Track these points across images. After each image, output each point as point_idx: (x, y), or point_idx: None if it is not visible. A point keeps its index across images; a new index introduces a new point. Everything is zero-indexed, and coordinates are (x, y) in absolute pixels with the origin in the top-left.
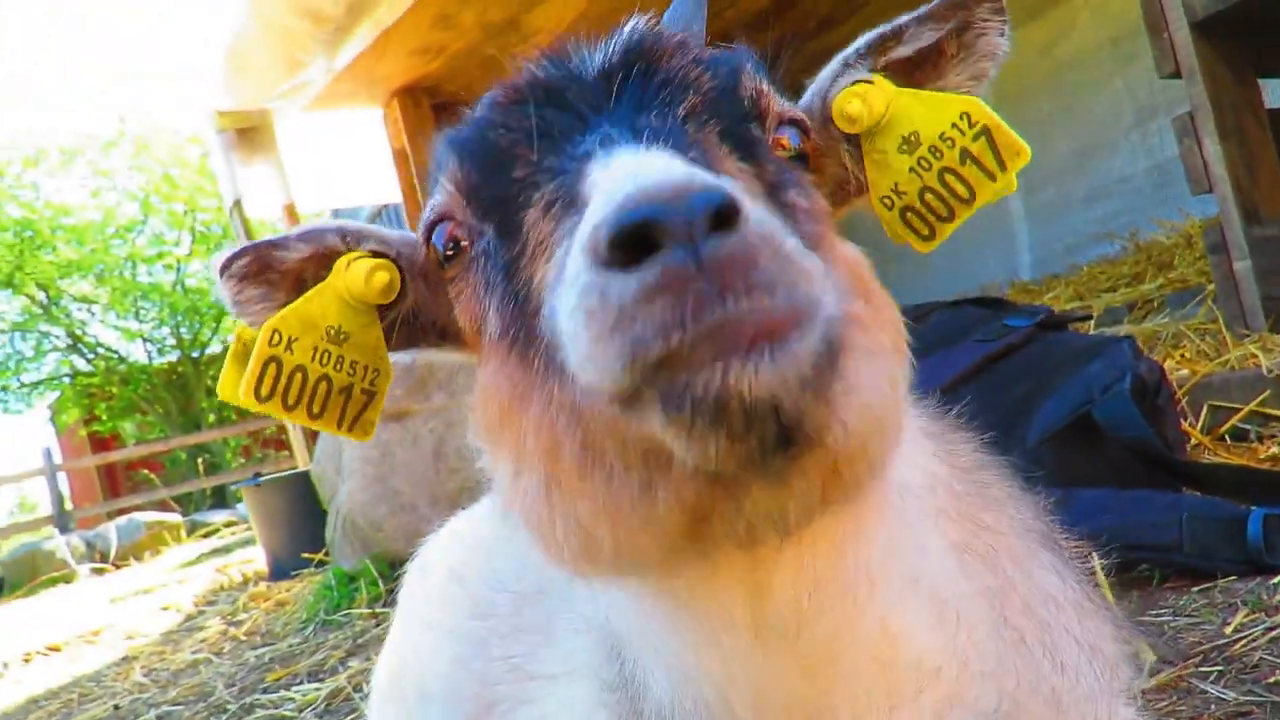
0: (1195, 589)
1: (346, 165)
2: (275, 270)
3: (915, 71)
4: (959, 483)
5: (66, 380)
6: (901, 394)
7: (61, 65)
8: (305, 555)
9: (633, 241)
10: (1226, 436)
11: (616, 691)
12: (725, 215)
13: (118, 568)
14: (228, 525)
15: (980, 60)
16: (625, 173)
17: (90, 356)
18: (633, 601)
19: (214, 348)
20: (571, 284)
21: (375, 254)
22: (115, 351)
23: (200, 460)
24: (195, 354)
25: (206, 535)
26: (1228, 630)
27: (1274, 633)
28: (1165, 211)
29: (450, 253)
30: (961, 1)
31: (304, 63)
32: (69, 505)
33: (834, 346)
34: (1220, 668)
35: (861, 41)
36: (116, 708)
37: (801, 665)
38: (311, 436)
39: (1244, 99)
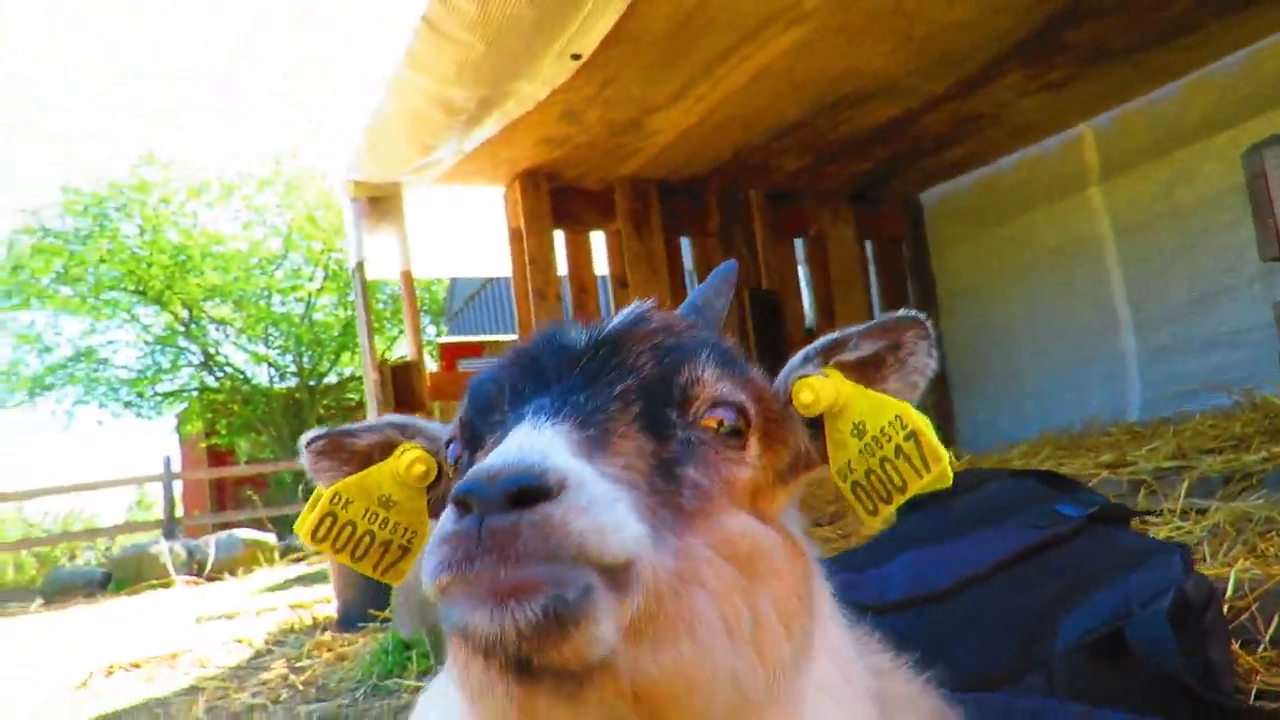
0: None
1: (464, 237)
2: (346, 450)
3: (865, 370)
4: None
5: (194, 394)
6: (727, 663)
7: (241, 109)
8: (373, 611)
9: (464, 500)
10: None
11: None
12: (530, 494)
13: (211, 580)
14: (318, 553)
15: (912, 374)
16: (505, 445)
17: (219, 375)
18: None
19: (330, 378)
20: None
21: (424, 449)
22: (242, 372)
23: (301, 486)
24: (312, 383)
25: (296, 560)
26: None
27: None
28: None
29: (456, 464)
30: (892, 326)
31: (435, 145)
32: (179, 513)
33: (564, 616)
34: None
35: (819, 343)
36: None
37: None
38: None
39: None
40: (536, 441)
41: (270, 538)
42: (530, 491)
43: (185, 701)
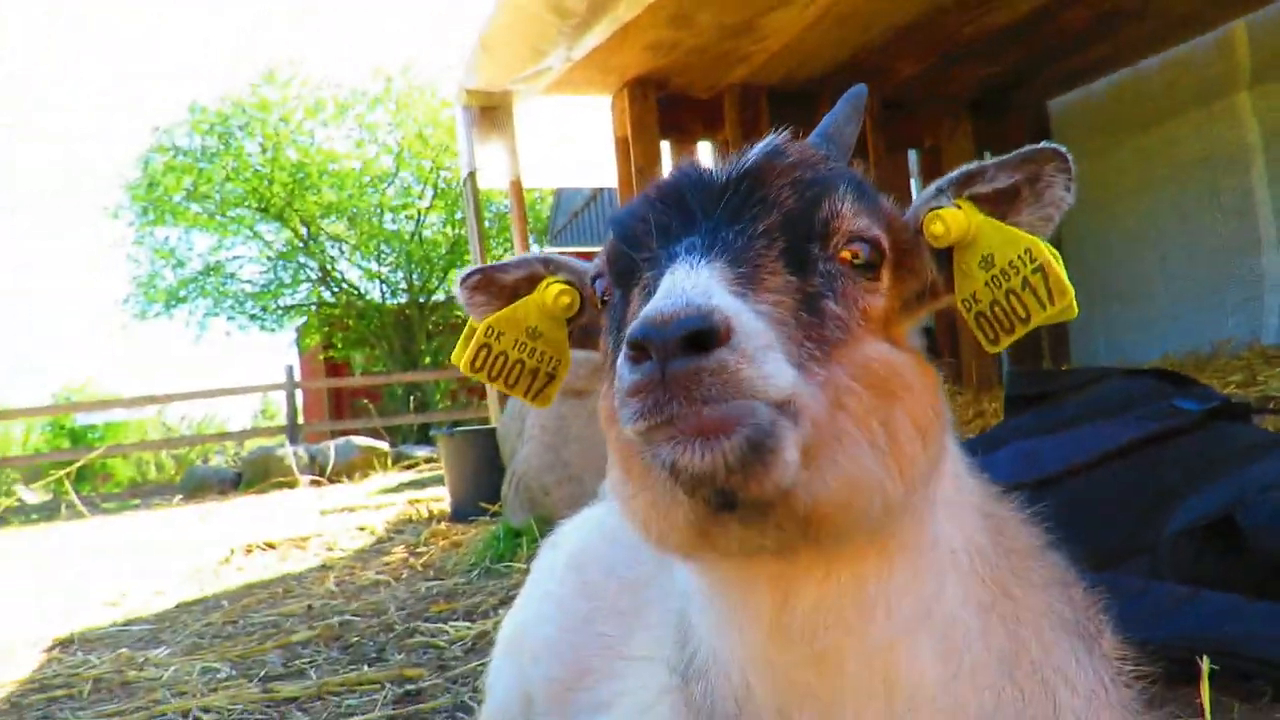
0: None
1: (571, 148)
2: (496, 285)
3: (998, 203)
4: (997, 556)
5: (313, 309)
6: (876, 475)
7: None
8: (483, 504)
9: (640, 346)
10: None
11: (676, 673)
12: (702, 338)
13: (331, 482)
14: (427, 461)
15: (1047, 207)
16: (668, 286)
17: (335, 290)
18: (697, 591)
19: (438, 296)
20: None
21: (567, 281)
22: (356, 288)
23: (412, 397)
24: (422, 299)
25: (408, 466)
26: None
27: None
28: None
29: (604, 298)
30: (1033, 157)
31: (545, 51)
32: (300, 420)
33: (763, 446)
34: None
35: (954, 174)
36: (310, 607)
37: (814, 663)
38: (503, 398)
39: None
40: (698, 283)
41: (383, 445)
42: (702, 335)
43: (317, 576)
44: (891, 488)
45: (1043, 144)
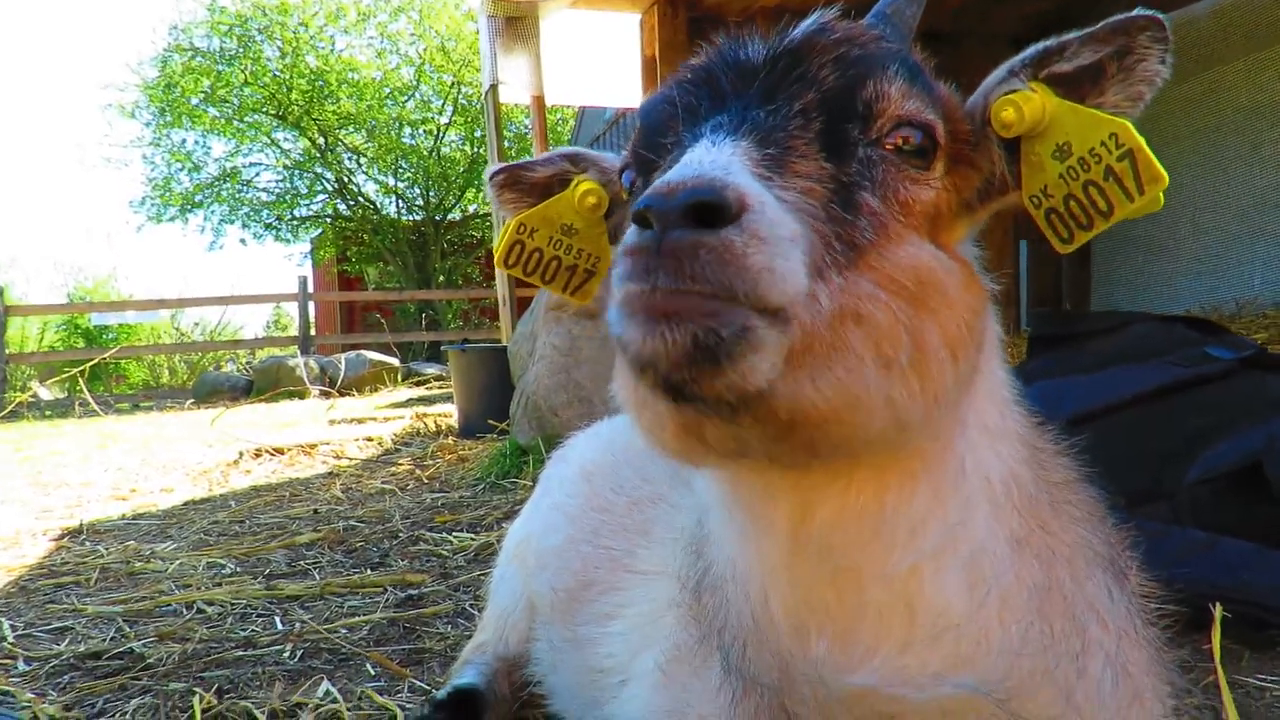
0: None
1: (597, 67)
2: (524, 183)
3: (1077, 85)
4: (1035, 488)
5: (329, 220)
6: (882, 390)
7: None
8: (491, 421)
9: (643, 216)
10: None
11: (686, 588)
12: (710, 212)
13: (341, 394)
14: (437, 379)
15: (1138, 84)
16: (682, 162)
17: (351, 204)
18: (716, 500)
19: (454, 215)
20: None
21: (596, 181)
22: (372, 202)
23: (424, 315)
24: (438, 217)
25: (417, 383)
26: None
27: None
28: None
29: (631, 190)
30: (1125, 27)
31: None
32: (313, 331)
33: (715, 351)
34: None
35: (1028, 52)
36: (315, 511)
37: (833, 581)
38: (515, 317)
39: None
40: (717, 158)
41: (394, 361)
42: (709, 207)
43: (323, 483)
44: (906, 405)
45: (1136, 11)
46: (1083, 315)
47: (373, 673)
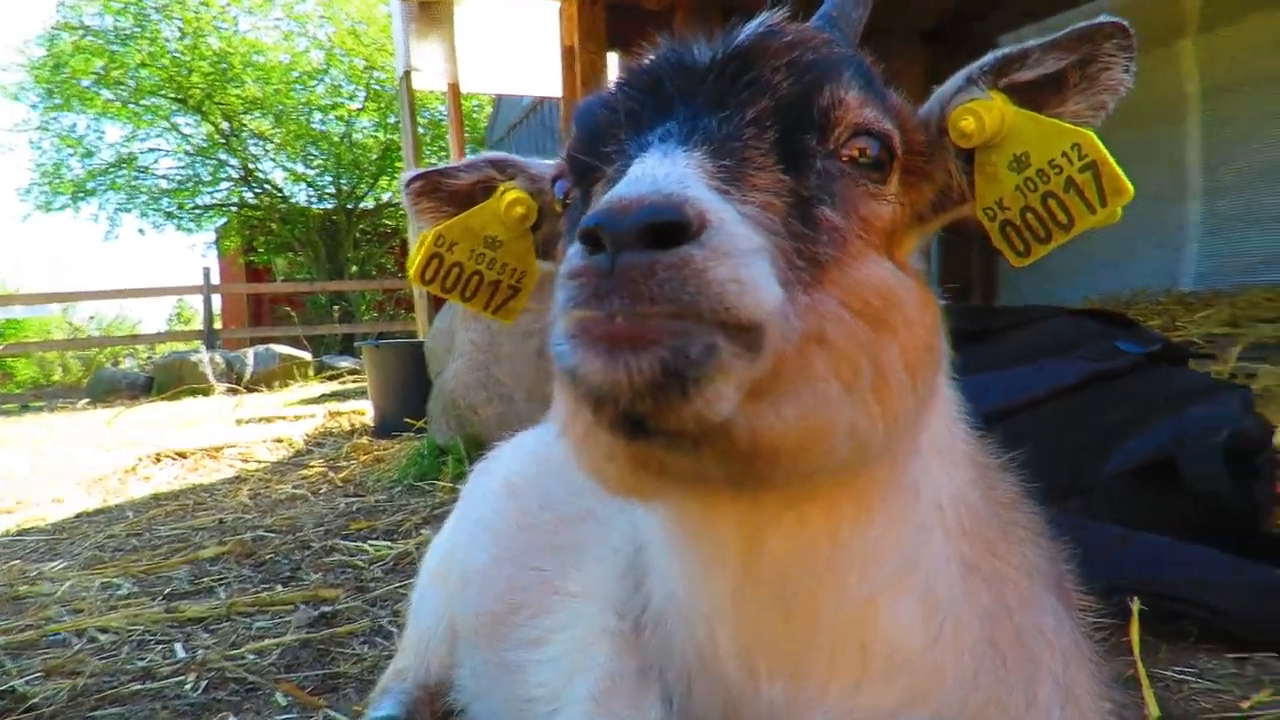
0: (1230, 656)
1: (515, 54)
2: (444, 190)
3: (1037, 94)
4: (984, 509)
5: (234, 209)
6: (847, 417)
7: None
8: (408, 420)
9: (592, 236)
10: None
11: (625, 619)
12: (668, 231)
13: (249, 390)
14: (350, 373)
15: (1101, 93)
16: (633, 176)
17: (258, 191)
18: (658, 532)
19: (367, 203)
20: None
21: (524, 189)
22: (280, 190)
23: (337, 307)
24: (350, 206)
25: (330, 378)
26: (1245, 705)
27: None
28: None
29: (565, 201)
30: (1089, 35)
31: None
32: (218, 325)
33: (683, 376)
34: None
35: (987, 59)
36: (221, 521)
37: (785, 615)
38: (432, 311)
39: None
40: (671, 170)
41: (305, 355)
42: (667, 226)
43: (229, 489)
44: (868, 431)
45: (1102, 18)
46: (1000, 310)
47: (283, 703)
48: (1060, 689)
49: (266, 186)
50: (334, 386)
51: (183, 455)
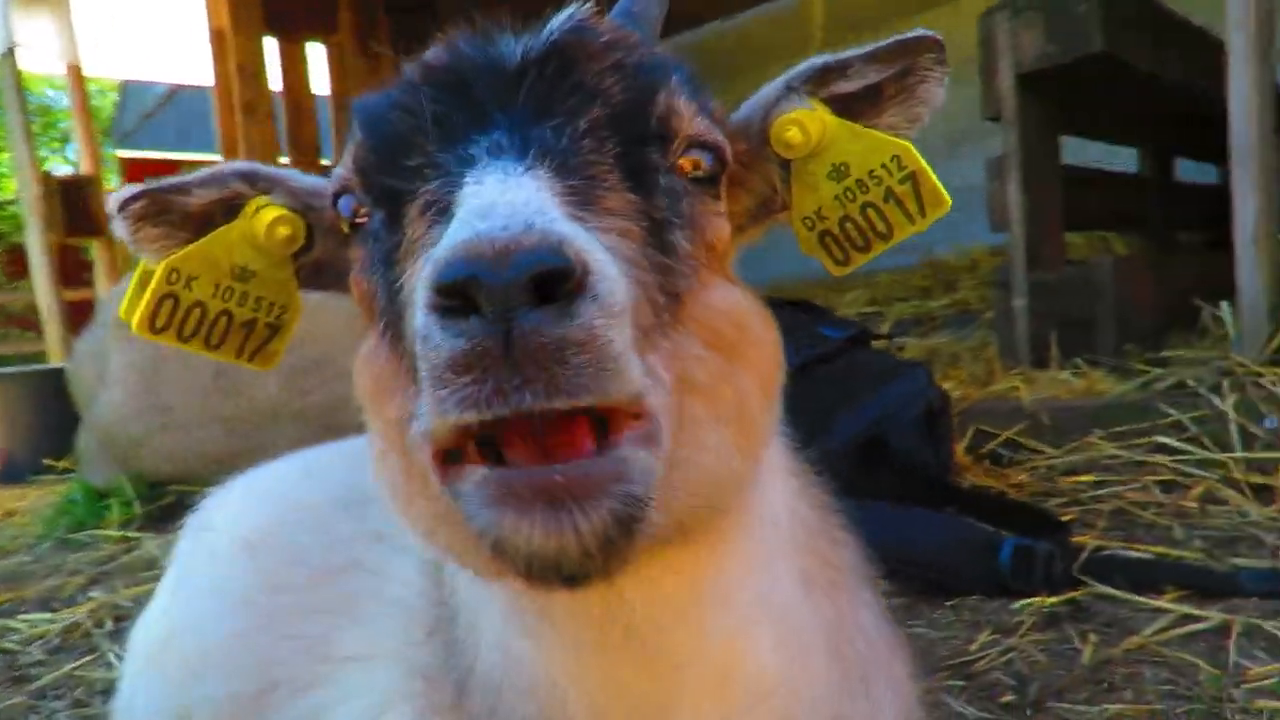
0: (948, 604)
1: (147, 33)
2: (176, 212)
3: (854, 104)
4: (813, 520)
5: None
6: (729, 461)
7: None
8: (47, 461)
9: (458, 292)
10: (987, 459)
11: (435, 680)
12: (553, 279)
13: None
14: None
15: (917, 105)
16: (483, 202)
17: None
18: (486, 592)
19: None
20: (417, 311)
21: (284, 205)
22: None
23: None
24: None
25: None
26: (971, 647)
27: (1009, 654)
28: (958, 234)
29: (358, 220)
30: (911, 48)
31: None
32: None
33: (632, 520)
34: (963, 683)
35: (805, 69)
36: None
37: (646, 668)
38: (72, 331)
39: (1046, 152)
40: (529, 198)
41: None
42: (556, 275)
43: None
44: (743, 465)
45: (918, 31)
46: None
47: None
48: (891, 682)
49: None
50: None
51: None
